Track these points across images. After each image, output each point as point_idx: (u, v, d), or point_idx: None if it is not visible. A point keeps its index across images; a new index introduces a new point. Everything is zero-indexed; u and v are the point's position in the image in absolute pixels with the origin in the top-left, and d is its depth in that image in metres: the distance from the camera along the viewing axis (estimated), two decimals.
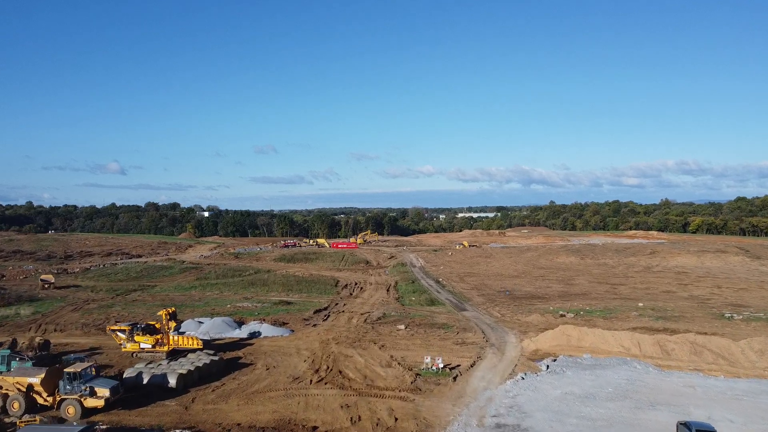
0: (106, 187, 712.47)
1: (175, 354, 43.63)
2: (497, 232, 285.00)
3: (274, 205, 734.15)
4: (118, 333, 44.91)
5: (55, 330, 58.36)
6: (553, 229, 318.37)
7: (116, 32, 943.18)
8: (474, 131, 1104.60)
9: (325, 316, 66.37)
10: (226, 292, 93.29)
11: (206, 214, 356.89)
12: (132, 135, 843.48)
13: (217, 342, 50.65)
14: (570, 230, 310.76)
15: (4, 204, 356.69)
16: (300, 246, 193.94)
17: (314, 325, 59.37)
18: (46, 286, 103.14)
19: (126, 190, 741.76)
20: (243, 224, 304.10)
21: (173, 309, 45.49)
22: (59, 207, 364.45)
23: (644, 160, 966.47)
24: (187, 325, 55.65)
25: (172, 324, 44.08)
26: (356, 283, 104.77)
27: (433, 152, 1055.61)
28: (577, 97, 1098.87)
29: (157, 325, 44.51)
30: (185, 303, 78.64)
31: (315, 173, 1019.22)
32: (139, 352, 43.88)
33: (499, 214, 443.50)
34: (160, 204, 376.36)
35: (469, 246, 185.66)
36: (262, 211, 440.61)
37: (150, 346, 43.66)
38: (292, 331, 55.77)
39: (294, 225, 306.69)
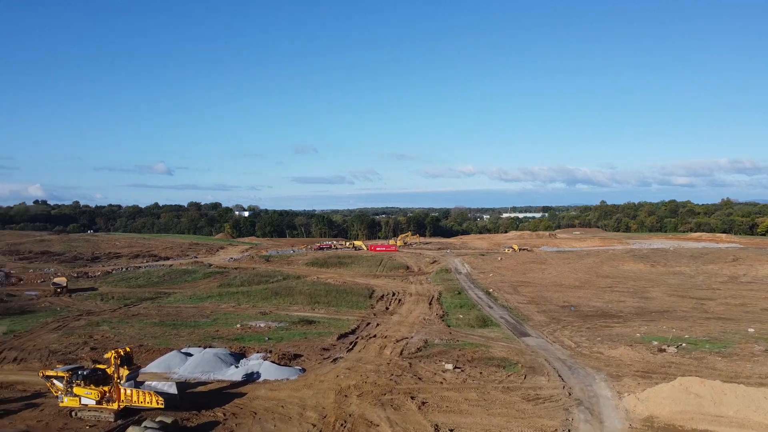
0: (153, 188, 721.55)
1: (126, 414, 31.04)
2: (547, 233, 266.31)
3: (316, 204, 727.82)
4: (54, 381, 32.62)
5: (15, 360, 46.75)
6: (606, 231, 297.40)
7: (161, 37, 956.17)
8: (516, 130, 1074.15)
9: (351, 343, 52.82)
10: (243, 303, 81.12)
11: (246, 213, 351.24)
12: (178, 136, 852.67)
13: (199, 389, 37.70)
14: (624, 231, 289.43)
15: (53, 203, 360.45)
16: (335, 248, 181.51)
17: (334, 360, 45.82)
18: (58, 290, 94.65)
19: (172, 191, 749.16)
20: (281, 224, 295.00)
21: (128, 349, 32.78)
22: (104, 207, 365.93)
23: (695, 158, 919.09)
24: (170, 360, 43.09)
25: (124, 372, 31.43)
26: (394, 294, 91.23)
27: (474, 152, 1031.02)
28: (622, 94, 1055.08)
29: (109, 370, 31.95)
30: (189, 320, 66.60)
31: (355, 173, 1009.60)
32: (79, 410, 31.45)
33: (546, 214, 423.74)
34: (202, 204, 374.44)
35: (519, 250, 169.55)
36: (304, 211, 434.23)
37: (94, 402, 31.17)
38: (303, 370, 42.31)
39: (332, 225, 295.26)
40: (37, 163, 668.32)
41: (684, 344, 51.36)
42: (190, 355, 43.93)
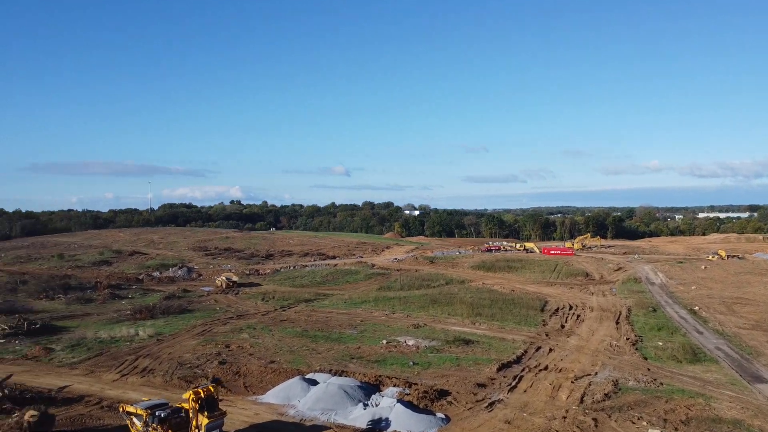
0: (332, 188, 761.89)
1: None
2: (760, 237, 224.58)
3: (488, 204, 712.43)
4: (134, 419, 26.96)
5: (143, 371, 43.53)
6: None
7: (345, 49, 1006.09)
8: (710, 119, 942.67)
9: (514, 377, 41.82)
10: (398, 311, 73.79)
11: (416, 213, 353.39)
12: (356, 140, 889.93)
13: None
14: None
15: (246, 203, 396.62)
16: (505, 250, 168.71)
17: (490, 405, 35.32)
18: (230, 284, 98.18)
19: (349, 191, 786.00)
20: (449, 224, 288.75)
21: (212, 388, 25.95)
22: (287, 206, 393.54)
23: None
24: (291, 388, 36.13)
25: (203, 420, 24.54)
26: (571, 307, 77.63)
27: (660, 145, 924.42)
28: None
29: (190, 409, 25.30)
30: (334, 331, 60.52)
31: (528, 171, 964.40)
32: None
33: (754, 214, 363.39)
34: (375, 203, 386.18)
35: (727, 257, 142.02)
36: (475, 210, 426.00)
37: None
38: (447, 419, 32.46)
39: (503, 225, 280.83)
40: (237, 167, 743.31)
41: None
42: (315, 383, 36.64)
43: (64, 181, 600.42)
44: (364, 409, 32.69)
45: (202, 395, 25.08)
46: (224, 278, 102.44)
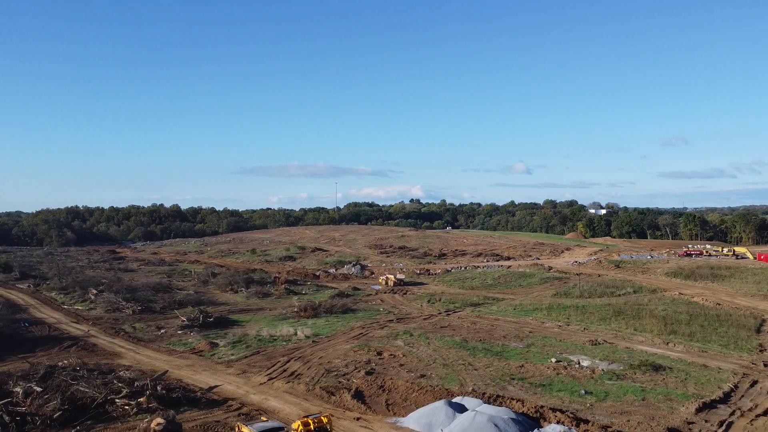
0: (512, 186, 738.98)
1: None
2: None
3: (688, 202, 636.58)
4: None
5: (291, 375, 42.27)
6: None
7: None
8: None
9: (720, 424, 32.57)
10: (573, 323, 65.59)
11: (602, 212, 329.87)
12: (537, 137, 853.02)
13: None
14: None
15: (425, 202, 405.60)
16: (708, 255, 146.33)
17: None
18: (397, 282, 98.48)
19: (530, 189, 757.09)
20: (641, 224, 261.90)
21: (324, 419, 22.25)
22: (465, 205, 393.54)
23: None
24: (434, 414, 31.51)
25: None
26: None
27: None
28: None
29: None
30: (497, 343, 54.76)
31: (737, 165, 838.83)
32: None
33: None
34: (557, 202, 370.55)
35: None
36: (672, 209, 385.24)
37: None
38: None
39: (706, 226, 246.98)
40: (418, 167, 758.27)
41: None
42: (463, 409, 31.69)
43: (266, 182, 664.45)
44: None
45: (312, 427, 21.86)
46: (391, 276, 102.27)
